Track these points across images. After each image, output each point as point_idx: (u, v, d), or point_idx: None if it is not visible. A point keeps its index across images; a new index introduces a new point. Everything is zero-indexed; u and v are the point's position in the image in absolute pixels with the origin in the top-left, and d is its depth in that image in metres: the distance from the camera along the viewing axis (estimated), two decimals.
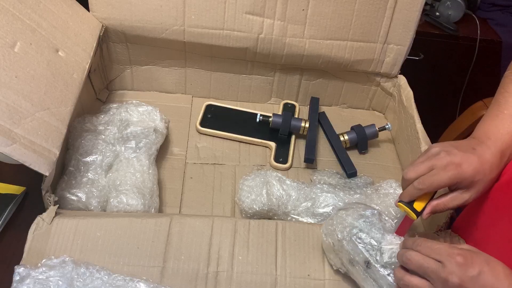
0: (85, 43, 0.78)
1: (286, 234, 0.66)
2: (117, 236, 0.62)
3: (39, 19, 0.69)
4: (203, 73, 0.95)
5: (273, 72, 0.95)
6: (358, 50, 0.90)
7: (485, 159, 0.58)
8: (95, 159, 0.73)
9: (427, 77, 1.46)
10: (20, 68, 0.62)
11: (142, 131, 0.78)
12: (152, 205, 0.71)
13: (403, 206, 0.60)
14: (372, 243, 0.59)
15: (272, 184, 0.76)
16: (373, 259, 0.58)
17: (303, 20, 0.86)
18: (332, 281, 0.63)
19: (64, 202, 0.68)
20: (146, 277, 0.59)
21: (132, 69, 0.94)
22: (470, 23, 1.47)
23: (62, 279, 0.55)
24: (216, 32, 0.86)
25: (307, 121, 0.90)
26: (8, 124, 0.57)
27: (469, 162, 0.57)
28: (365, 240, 0.59)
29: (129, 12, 0.83)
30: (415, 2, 0.85)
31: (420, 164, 0.59)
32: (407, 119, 0.88)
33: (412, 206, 0.59)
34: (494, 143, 0.59)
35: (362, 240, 0.59)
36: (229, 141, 0.90)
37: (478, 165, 0.57)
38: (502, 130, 0.60)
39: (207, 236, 0.64)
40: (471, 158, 0.57)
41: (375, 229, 0.60)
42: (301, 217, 0.74)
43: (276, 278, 0.62)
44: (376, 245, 0.59)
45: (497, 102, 0.63)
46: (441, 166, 0.57)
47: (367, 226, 0.60)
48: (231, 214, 0.77)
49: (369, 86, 0.99)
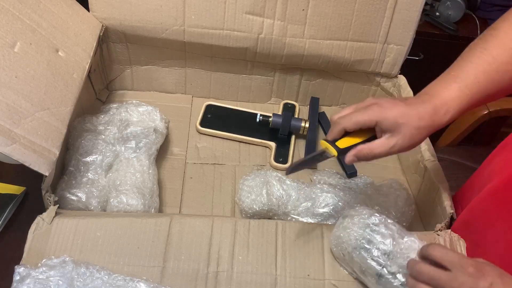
0: (85, 43, 0.78)
1: (286, 234, 0.66)
2: (117, 236, 0.62)
3: (39, 19, 0.69)
4: (203, 73, 0.95)
5: (273, 72, 0.95)
6: (358, 50, 0.90)
7: (413, 107, 0.57)
8: (95, 159, 0.73)
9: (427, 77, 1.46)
10: (20, 68, 0.62)
11: (142, 131, 0.78)
12: (152, 205, 0.71)
13: (324, 143, 0.60)
14: (381, 254, 0.58)
15: (272, 184, 0.76)
16: (384, 271, 0.58)
17: (303, 20, 0.86)
18: (332, 281, 0.63)
19: (64, 202, 0.68)
20: (146, 277, 0.59)
21: (132, 69, 0.94)
22: (470, 23, 1.47)
23: (62, 279, 0.55)
24: (216, 32, 0.86)
25: (307, 121, 0.90)
26: (8, 124, 0.57)
27: (393, 105, 0.57)
28: (374, 253, 0.59)
29: (129, 12, 0.83)
30: (415, 2, 0.85)
31: (348, 108, 0.60)
32: None
33: (334, 144, 0.60)
34: (429, 97, 0.58)
35: (370, 252, 0.59)
36: (229, 141, 0.90)
37: (403, 109, 0.57)
38: (439, 87, 0.59)
39: (207, 236, 0.64)
40: (398, 104, 0.57)
41: (382, 238, 0.59)
42: (301, 217, 0.74)
43: (276, 278, 0.62)
44: (385, 255, 0.58)
45: (450, 67, 0.63)
46: (364, 106, 0.58)
47: (374, 235, 0.60)
48: (231, 214, 0.77)
49: (369, 86, 0.99)
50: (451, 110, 0.57)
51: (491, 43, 0.60)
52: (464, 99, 0.58)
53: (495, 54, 0.59)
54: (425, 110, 0.57)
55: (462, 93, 0.58)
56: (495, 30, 0.61)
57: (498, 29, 0.61)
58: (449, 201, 0.70)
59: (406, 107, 0.57)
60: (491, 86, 0.59)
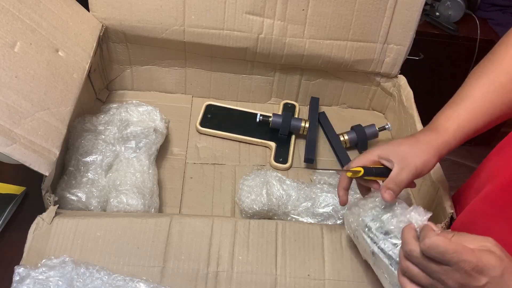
0: (85, 43, 0.78)
1: (286, 234, 0.66)
2: (117, 236, 0.62)
3: (39, 19, 0.69)
4: (203, 73, 0.95)
5: (273, 72, 0.95)
6: (358, 50, 0.90)
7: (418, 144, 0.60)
8: (95, 159, 0.73)
9: (427, 77, 1.47)
10: (20, 68, 0.62)
11: (142, 131, 0.78)
12: (152, 205, 0.71)
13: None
14: (378, 233, 0.59)
15: (272, 184, 0.76)
16: (377, 248, 0.58)
17: (303, 20, 0.86)
18: (332, 281, 0.63)
19: (64, 202, 0.68)
20: (146, 277, 0.59)
21: (132, 69, 0.94)
22: (470, 23, 1.47)
23: (62, 279, 0.55)
24: (216, 32, 0.86)
25: (307, 121, 0.90)
26: (8, 124, 0.57)
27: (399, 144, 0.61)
28: (373, 231, 0.60)
29: (129, 12, 0.83)
30: (415, 2, 0.85)
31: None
32: (407, 119, 0.88)
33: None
34: (432, 128, 0.61)
35: (370, 230, 0.60)
36: (229, 141, 0.90)
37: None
38: (440, 117, 0.62)
39: (207, 236, 0.64)
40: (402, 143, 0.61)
41: (383, 216, 0.60)
42: (301, 217, 0.74)
43: (276, 278, 0.62)
44: (382, 233, 0.59)
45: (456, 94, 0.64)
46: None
47: (376, 215, 0.61)
48: (231, 214, 0.77)
49: (369, 86, 0.99)
50: (450, 129, 0.60)
51: (488, 67, 0.63)
52: (466, 123, 0.60)
53: (492, 77, 0.61)
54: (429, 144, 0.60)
55: (457, 115, 0.61)
56: (492, 55, 0.64)
57: (495, 53, 0.64)
58: (449, 201, 0.70)
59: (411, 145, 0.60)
60: (493, 108, 0.61)
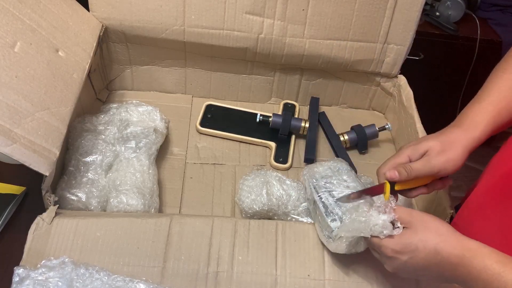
0: (85, 43, 0.78)
1: (286, 234, 0.66)
2: (117, 236, 0.62)
3: (39, 19, 0.69)
4: (203, 73, 0.95)
5: (273, 72, 0.95)
6: (358, 50, 0.90)
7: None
8: (95, 159, 0.73)
9: (427, 77, 1.46)
10: (20, 68, 0.62)
11: (142, 131, 0.78)
12: (152, 205, 0.71)
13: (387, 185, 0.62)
14: (326, 186, 0.66)
15: (272, 184, 0.76)
16: (318, 197, 0.65)
17: (303, 20, 0.86)
18: (332, 281, 0.63)
19: (64, 202, 0.68)
20: (146, 277, 0.59)
21: (132, 69, 0.94)
22: (470, 23, 1.47)
23: (61, 280, 0.55)
24: (216, 32, 0.86)
25: (307, 121, 0.90)
26: (8, 124, 0.57)
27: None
28: (320, 183, 0.66)
29: (129, 12, 0.83)
30: (415, 2, 0.85)
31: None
32: (407, 119, 0.88)
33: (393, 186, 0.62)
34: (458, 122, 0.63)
35: (317, 181, 0.66)
36: (229, 141, 0.90)
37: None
38: (465, 112, 0.64)
39: (207, 236, 0.64)
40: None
41: (337, 177, 0.66)
42: (301, 217, 0.74)
43: (276, 278, 0.62)
44: (329, 188, 0.65)
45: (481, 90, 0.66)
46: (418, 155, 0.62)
47: (330, 174, 0.67)
48: (231, 214, 0.77)
49: (369, 86, 0.99)
50: (478, 124, 0.61)
51: (510, 63, 0.64)
52: (493, 118, 0.62)
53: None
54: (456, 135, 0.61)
55: (485, 110, 0.62)
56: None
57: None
58: (449, 201, 0.70)
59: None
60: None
